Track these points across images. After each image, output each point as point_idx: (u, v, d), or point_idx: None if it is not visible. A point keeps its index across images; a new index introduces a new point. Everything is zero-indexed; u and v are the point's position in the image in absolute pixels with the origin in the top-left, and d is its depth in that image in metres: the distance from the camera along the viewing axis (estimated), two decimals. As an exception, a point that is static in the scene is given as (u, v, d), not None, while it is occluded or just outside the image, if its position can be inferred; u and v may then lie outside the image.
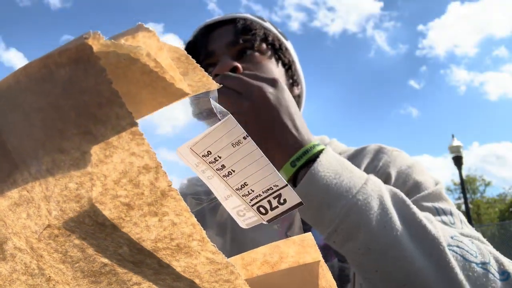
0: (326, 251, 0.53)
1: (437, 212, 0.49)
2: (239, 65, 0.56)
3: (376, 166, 0.58)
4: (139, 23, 0.15)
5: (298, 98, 0.68)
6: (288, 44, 0.67)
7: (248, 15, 0.64)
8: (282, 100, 0.45)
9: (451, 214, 0.49)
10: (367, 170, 0.57)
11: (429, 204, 0.50)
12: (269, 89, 0.45)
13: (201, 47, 0.61)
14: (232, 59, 0.57)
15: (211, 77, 0.25)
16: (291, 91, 0.65)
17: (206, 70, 0.57)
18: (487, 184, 22.94)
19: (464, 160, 8.78)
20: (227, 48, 0.59)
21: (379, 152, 0.60)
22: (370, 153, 0.60)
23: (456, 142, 8.51)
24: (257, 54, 0.60)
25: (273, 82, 0.46)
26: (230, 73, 0.50)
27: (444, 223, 0.47)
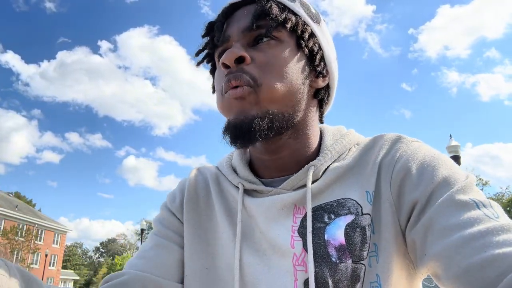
0: (342, 252, 0.52)
1: (477, 205, 0.47)
2: (246, 55, 0.55)
3: (393, 156, 0.56)
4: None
5: (323, 91, 0.62)
6: (318, 28, 0.61)
7: None
8: None
9: (490, 205, 0.47)
10: (384, 161, 0.56)
11: (466, 198, 0.48)
12: None
13: (218, 31, 0.59)
14: (245, 47, 0.56)
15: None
16: (314, 83, 0.60)
17: (221, 55, 0.59)
18: (485, 184, 22.83)
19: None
20: (243, 34, 0.57)
21: (397, 142, 0.58)
22: (388, 142, 0.58)
23: (453, 142, 8.73)
24: (272, 42, 0.56)
25: None
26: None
27: (488, 216, 0.45)
